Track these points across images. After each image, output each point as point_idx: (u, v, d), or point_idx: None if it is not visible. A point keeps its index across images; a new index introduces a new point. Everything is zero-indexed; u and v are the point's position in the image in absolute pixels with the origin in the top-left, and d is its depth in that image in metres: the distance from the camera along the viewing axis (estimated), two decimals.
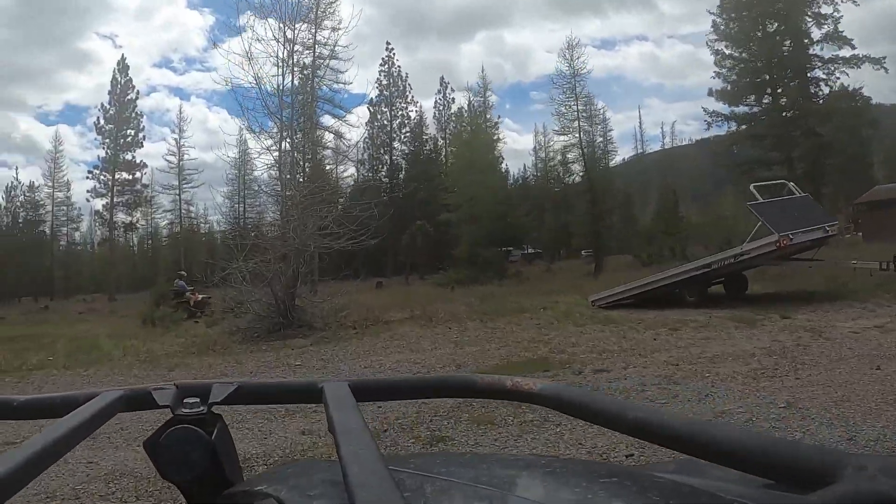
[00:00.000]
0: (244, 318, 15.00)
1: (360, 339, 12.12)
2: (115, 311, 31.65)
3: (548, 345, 10.12)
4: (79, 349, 13.24)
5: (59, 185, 56.09)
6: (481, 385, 0.72)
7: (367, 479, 0.42)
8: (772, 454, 0.45)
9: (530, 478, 0.60)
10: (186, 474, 0.63)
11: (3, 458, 0.46)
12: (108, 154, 51.40)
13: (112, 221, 51.62)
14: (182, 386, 0.69)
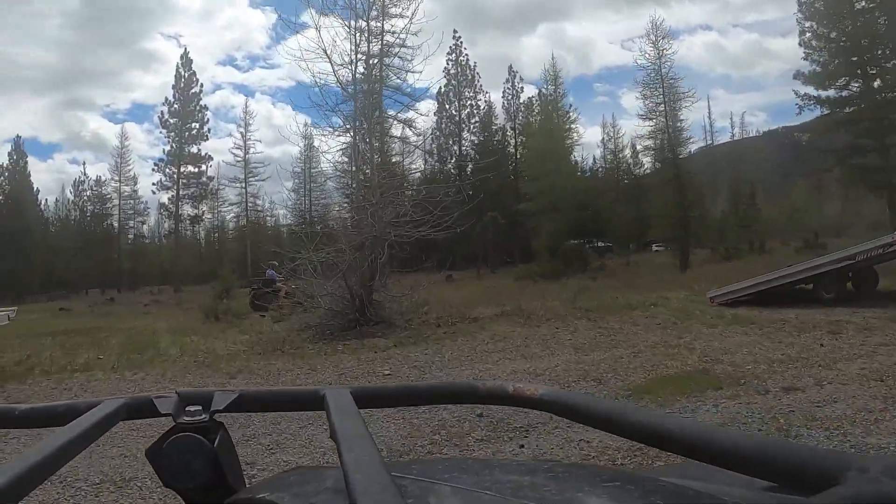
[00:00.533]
0: (314, 313, 13.42)
1: (454, 341, 10.29)
2: (180, 303, 30.97)
3: (692, 351, 8.29)
4: (133, 347, 11.83)
5: (126, 179, 56.59)
6: (483, 391, 0.71)
7: (369, 486, 0.42)
8: (774, 457, 0.44)
9: (533, 483, 0.58)
10: (188, 482, 0.62)
11: (6, 467, 0.45)
12: (174, 147, 51.41)
13: (178, 214, 51.58)
14: (184, 394, 0.68)
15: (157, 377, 8.56)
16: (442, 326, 12.30)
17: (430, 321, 13.02)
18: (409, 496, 0.47)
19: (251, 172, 55.48)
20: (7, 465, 0.47)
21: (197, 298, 27.13)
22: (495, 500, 0.53)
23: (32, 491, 0.48)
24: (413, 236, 12.88)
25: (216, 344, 11.64)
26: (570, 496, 0.55)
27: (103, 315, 26.00)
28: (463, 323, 12.56)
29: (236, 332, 13.46)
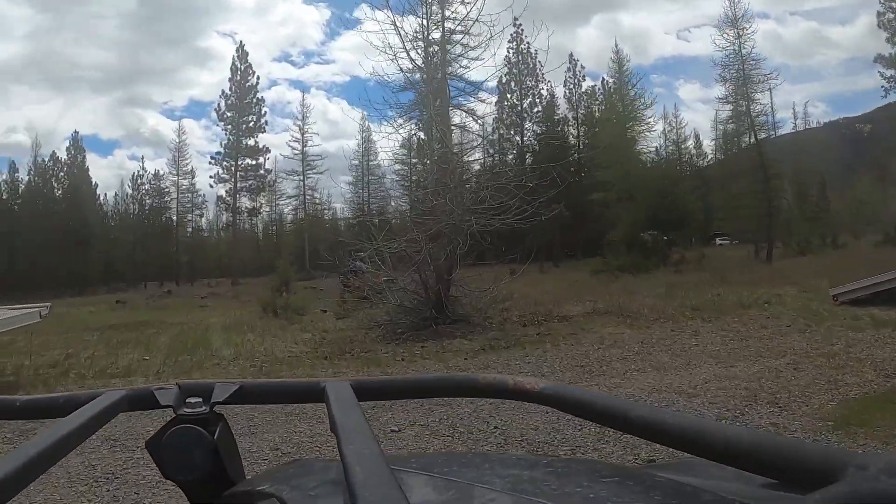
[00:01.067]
0: (382, 309, 11.95)
1: (556, 346, 8.68)
2: (237, 295, 30.11)
3: (860, 363, 6.60)
4: (183, 346, 10.55)
5: (184, 173, 56.40)
6: (483, 384, 0.69)
7: (369, 479, 0.42)
8: (773, 453, 0.44)
9: (532, 477, 0.59)
10: (188, 474, 0.62)
11: (7, 458, 0.46)
12: (231, 140, 50.90)
13: (235, 206, 51.06)
14: (184, 385, 0.67)
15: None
16: (529, 326, 10.84)
17: (511, 319, 11.51)
18: (408, 489, 0.44)
19: (309, 165, 55.08)
20: (7, 455, 0.46)
21: (254, 291, 26.28)
22: (494, 494, 0.53)
23: (33, 482, 0.48)
24: (493, 225, 11.19)
25: (275, 344, 10.24)
26: (569, 491, 0.54)
27: (158, 308, 25.23)
28: (552, 322, 11.05)
29: (297, 330, 12.07)
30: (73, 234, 49.45)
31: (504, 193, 11.30)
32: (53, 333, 14.22)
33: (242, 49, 52.59)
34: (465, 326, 10.65)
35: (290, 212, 59.44)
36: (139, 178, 57.43)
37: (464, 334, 10.08)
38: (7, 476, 0.44)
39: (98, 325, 15.52)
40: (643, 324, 10.07)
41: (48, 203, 51.70)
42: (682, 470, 0.62)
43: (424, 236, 10.74)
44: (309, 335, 11.19)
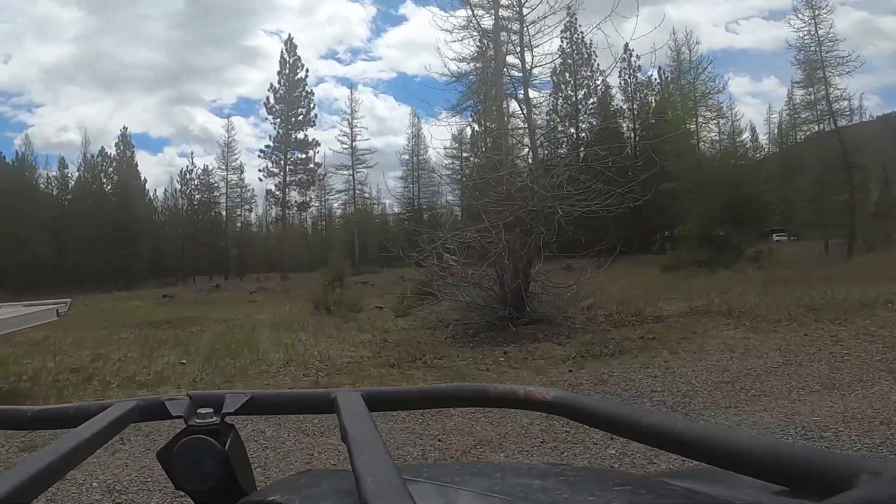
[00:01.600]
0: (448, 306, 10.65)
1: (675, 353, 7.13)
2: (286, 290, 29.36)
3: None
4: (227, 347, 9.26)
5: (233, 168, 56.39)
6: (494, 395, 0.69)
7: (381, 489, 0.42)
8: (786, 461, 0.44)
9: (544, 486, 0.58)
10: (200, 484, 0.62)
11: (17, 469, 0.46)
12: (280, 133, 50.27)
13: (284, 200, 50.42)
14: (195, 396, 0.68)
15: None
16: (622, 328, 9.29)
17: (597, 319, 9.98)
18: (420, 500, 0.43)
19: (358, 159, 54.64)
20: (18, 466, 0.46)
21: (304, 286, 25.38)
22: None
23: (44, 492, 0.48)
24: (577, 211, 9.56)
25: (331, 346, 8.88)
26: (581, 500, 0.54)
27: (205, 303, 24.39)
28: (647, 323, 9.46)
29: (353, 330, 10.69)
30: (121, 229, 49.60)
31: (591, 175, 9.75)
32: (91, 329, 13.38)
33: (291, 42, 52.08)
34: (548, 327, 9.17)
35: (339, 206, 59.55)
36: (188, 174, 57.66)
37: (548, 336, 8.60)
38: (17, 487, 0.43)
39: (140, 321, 14.51)
40: (766, 327, 8.43)
41: (97, 198, 51.93)
42: (695, 478, 0.61)
43: (502, 225, 9.19)
44: (368, 336, 9.81)
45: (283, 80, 50.74)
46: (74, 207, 51.49)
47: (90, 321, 16.24)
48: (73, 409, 0.67)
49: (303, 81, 51.16)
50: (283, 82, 50.74)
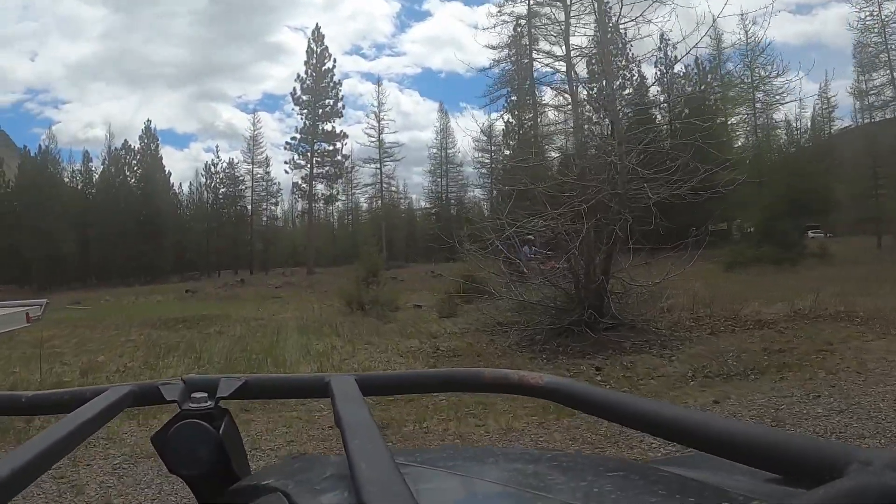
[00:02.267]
0: (498, 305, 9.11)
1: (832, 373, 5.47)
2: (312, 285, 27.90)
3: None
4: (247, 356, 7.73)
5: (258, 161, 55.27)
6: (488, 379, 0.69)
7: (374, 474, 0.42)
8: (777, 448, 0.44)
9: (537, 471, 0.59)
10: (194, 469, 0.62)
11: (14, 454, 0.46)
12: (307, 124, 48.85)
13: (311, 193, 49.00)
14: (189, 381, 0.67)
15: (281, 439, 4.21)
16: (719, 334, 7.73)
17: (684, 324, 8.40)
18: (413, 484, 0.43)
19: (386, 153, 53.34)
20: (14, 452, 0.46)
21: (331, 281, 24.12)
22: (499, 489, 0.53)
23: (39, 477, 0.48)
24: (668, 195, 7.85)
25: (374, 357, 7.35)
26: (573, 485, 0.53)
27: (228, 299, 23.10)
28: (750, 329, 7.88)
29: (394, 333, 9.15)
30: (146, 223, 48.85)
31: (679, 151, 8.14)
32: (101, 328, 12.07)
33: (318, 31, 50.50)
34: (631, 333, 7.57)
35: (366, 200, 58.37)
36: (212, 167, 56.67)
37: (640, 346, 7.01)
38: (15, 471, 0.44)
39: (156, 319, 13.09)
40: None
41: (121, 191, 51.11)
42: (687, 464, 0.62)
43: (585, 209, 7.55)
44: (415, 342, 8.25)
45: (310, 70, 49.25)
46: (98, 201, 50.71)
47: (106, 317, 15.14)
48: (69, 395, 0.67)
49: (330, 72, 49.62)
50: (310, 72, 49.24)
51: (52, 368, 7.53)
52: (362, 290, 12.97)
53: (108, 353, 8.64)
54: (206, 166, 57.26)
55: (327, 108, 49.52)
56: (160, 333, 10.88)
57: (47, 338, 11.43)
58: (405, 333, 9.13)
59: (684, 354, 6.41)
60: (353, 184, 56.22)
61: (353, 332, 9.54)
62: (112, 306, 22.62)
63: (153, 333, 10.95)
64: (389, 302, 12.69)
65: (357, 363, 6.80)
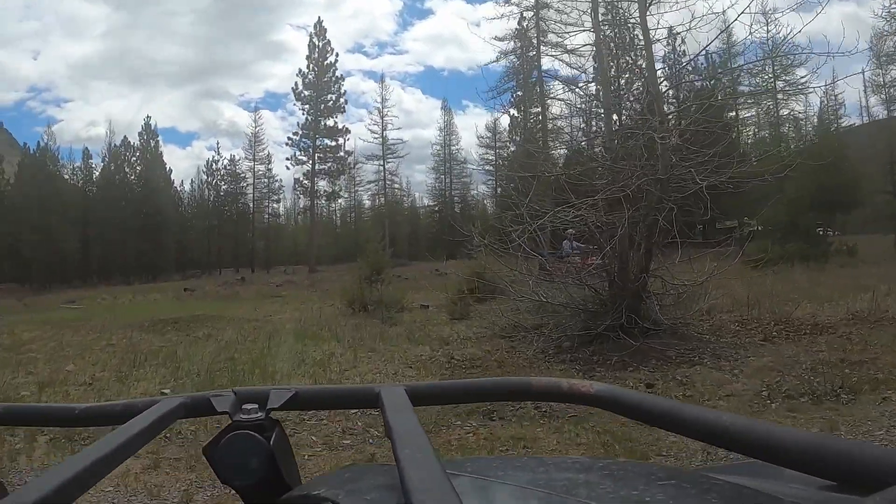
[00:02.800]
0: (513, 306, 8.17)
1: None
2: (314, 284, 27.06)
3: None
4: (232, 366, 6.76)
5: (260, 158, 54.42)
6: (537, 388, 0.68)
7: (424, 484, 0.42)
8: (830, 455, 0.43)
9: (588, 481, 0.57)
10: (245, 479, 0.62)
11: (66, 463, 0.46)
12: (308, 120, 47.83)
13: (313, 189, 48.01)
14: (240, 392, 0.68)
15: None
16: (773, 341, 6.75)
17: (729, 328, 7.48)
18: (463, 493, 0.43)
19: (389, 149, 52.25)
20: (68, 461, 0.46)
21: (333, 279, 23.32)
22: (549, 498, 0.52)
23: (93, 486, 0.48)
24: (704, 182, 6.84)
25: (379, 368, 6.35)
26: (624, 494, 0.52)
27: (226, 298, 22.24)
28: (809, 335, 6.84)
29: (403, 339, 8.16)
30: (146, 220, 48.01)
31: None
32: (86, 330, 11.46)
33: (320, 26, 49.39)
34: (673, 340, 6.61)
35: (369, 198, 57.58)
36: (214, 164, 55.95)
37: (688, 355, 6.08)
38: (69, 480, 0.44)
39: (146, 320, 12.20)
40: None
41: (122, 189, 50.28)
42: (740, 472, 0.61)
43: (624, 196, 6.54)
44: (426, 349, 7.26)
45: (311, 64, 48.21)
46: (99, 199, 49.89)
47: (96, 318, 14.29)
48: (121, 407, 0.67)
49: (332, 66, 48.53)
50: (312, 67, 48.21)
51: (13, 379, 6.61)
52: (365, 290, 11.98)
53: (82, 361, 7.76)
54: (207, 163, 56.68)
55: (329, 103, 48.49)
56: (144, 337, 9.97)
57: (28, 340, 10.64)
58: (413, 339, 8.15)
59: (748, 367, 5.43)
60: (356, 181, 55.48)
61: (355, 336, 8.56)
62: (106, 306, 21.83)
63: (137, 337, 10.05)
64: (395, 302, 11.71)
65: (359, 376, 5.82)
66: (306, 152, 48.21)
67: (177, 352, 7.84)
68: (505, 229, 7.66)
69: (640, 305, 6.77)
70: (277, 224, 59.04)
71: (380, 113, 52.11)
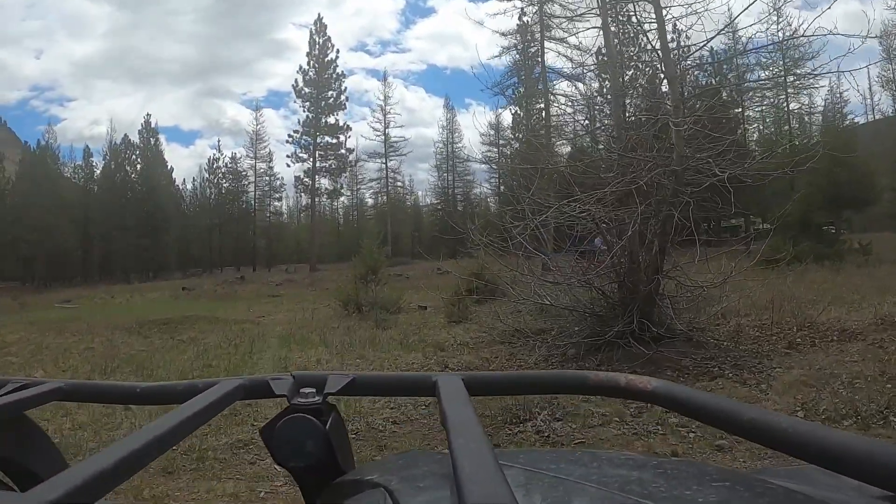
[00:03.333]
0: (518, 309, 7.63)
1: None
2: (314, 283, 26.78)
3: None
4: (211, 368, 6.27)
5: (262, 156, 54.11)
6: (594, 382, 0.67)
7: (476, 474, 0.41)
8: (887, 463, 0.41)
9: (640, 478, 0.56)
10: (300, 461, 0.62)
11: (130, 439, 0.47)
12: (309, 117, 47.33)
13: (314, 187, 47.53)
14: (299, 376, 0.68)
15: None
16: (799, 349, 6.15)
17: (748, 334, 6.94)
18: (515, 485, 0.43)
19: (391, 147, 51.94)
20: (128, 438, 0.47)
21: (333, 278, 22.84)
22: (601, 494, 0.51)
23: (152, 462, 0.49)
24: (723, 174, 6.24)
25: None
26: (678, 494, 0.51)
27: (223, 297, 21.83)
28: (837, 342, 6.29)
29: (395, 344, 7.63)
30: (147, 218, 47.56)
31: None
32: (69, 333, 11.14)
33: (321, 22, 48.92)
34: (687, 347, 6.08)
35: (372, 196, 57.39)
36: (215, 162, 55.73)
37: (708, 367, 5.55)
38: (128, 455, 0.45)
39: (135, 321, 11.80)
40: None
41: (123, 187, 49.89)
42: (795, 477, 0.60)
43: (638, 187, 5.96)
44: (419, 356, 6.72)
45: (312, 61, 47.72)
46: (100, 197, 49.59)
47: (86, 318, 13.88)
48: (182, 387, 0.68)
49: (333, 63, 48.04)
50: (313, 64, 47.71)
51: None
52: (360, 290, 11.42)
53: (53, 367, 7.28)
54: (208, 161, 56.43)
55: (330, 100, 48.03)
56: (127, 340, 9.51)
57: (11, 342, 10.27)
58: (406, 344, 7.60)
59: (777, 381, 4.85)
60: (359, 179, 55.46)
61: (344, 340, 8.02)
62: (101, 305, 21.47)
63: (119, 339, 9.60)
64: (391, 303, 11.15)
65: None
66: (307, 150, 47.82)
67: (152, 358, 7.31)
68: (506, 226, 7.08)
69: (652, 309, 6.20)
70: (279, 222, 58.71)
71: (382, 110, 51.95)
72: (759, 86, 26.83)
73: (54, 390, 0.70)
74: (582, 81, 20.95)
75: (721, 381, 5.00)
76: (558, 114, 34.83)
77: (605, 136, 8.26)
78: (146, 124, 53.36)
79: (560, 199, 6.61)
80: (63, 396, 0.71)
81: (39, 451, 0.70)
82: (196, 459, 3.59)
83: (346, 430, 0.68)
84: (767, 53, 32.29)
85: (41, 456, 0.69)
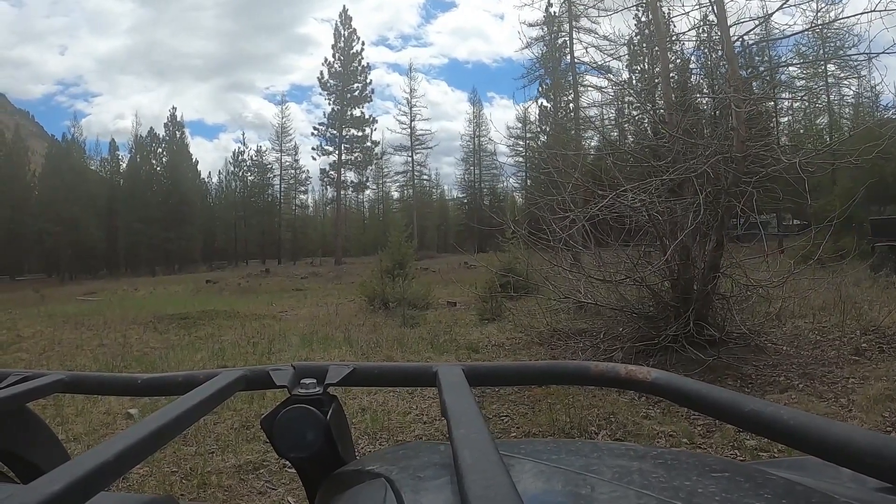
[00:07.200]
0: (556, 307, 7.16)
1: None
2: (339, 276, 26.66)
3: None
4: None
5: (287, 150, 54.25)
6: (595, 373, 0.68)
7: (477, 463, 0.41)
8: (888, 455, 0.42)
9: (641, 468, 0.57)
10: (301, 452, 0.62)
11: (130, 431, 0.47)
12: (334, 109, 47.04)
13: (339, 180, 47.28)
14: (299, 367, 0.68)
15: None
16: (868, 356, 5.53)
17: (808, 337, 6.35)
18: (516, 475, 0.44)
19: (417, 140, 51.64)
20: (132, 428, 0.47)
21: (358, 272, 22.66)
22: (600, 484, 0.52)
23: (154, 453, 0.48)
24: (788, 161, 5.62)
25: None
26: (677, 484, 0.52)
27: (246, 291, 21.58)
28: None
29: (425, 345, 7.15)
30: (172, 211, 47.70)
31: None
32: (85, 327, 10.93)
33: (346, 14, 48.56)
34: (746, 353, 5.51)
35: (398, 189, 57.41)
36: (240, 155, 55.90)
37: (772, 376, 4.99)
38: (129, 447, 0.45)
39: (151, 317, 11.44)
40: None
41: (148, 179, 50.14)
42: (794, 468, 0.60)
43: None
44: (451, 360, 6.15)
45: (337, 53, 47.42)
46: (125, 190, 49.90)
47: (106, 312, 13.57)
48: (182, 378, 0.68)
49: (358, 55, 47.70)
50: (338, 56, 47.42)
51: None
52: (387, 285, 10.93)
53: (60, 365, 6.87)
54: (234, 154, 56.52)
55: (355, 92, 47.74)
56: (142, 336, 9.10)
57: (27, 337, 9.95)
58: (436, 344, 7.09)
59: (856, 395, 4.26)
60: (384, 172, 55.27)
61: (370, 339, 7.53)
62: (123, 298, 21.25)
63: (135, 335, 9.18)
64: (419, 299, 10.66)
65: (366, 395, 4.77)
66: (332, 142, 47.64)
67: (166, 357, 6.89)
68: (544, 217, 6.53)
69: (708, 310, 5.63)
70: (305, 215, 58.73)
71: (408, 103, 51.74)
72: (802, 63, 25.91)
73: (56, 382, 0.69)
74: (611, 72, 20.31)
75: (793, 394, 4.41)
76: (589, 104, 34.16)
77: (651, 121, 7.63)
78: (172, 117, 53.59)
79: (609, 189, 6.04)
80: (64, 388, 0.70)
81: (41, 444, 0.70)
82: (197, 486, 3.11)
83: (347, 420, 0.68)
84: (806, 29, 31.47)
85: (43, 448, 0.69)
